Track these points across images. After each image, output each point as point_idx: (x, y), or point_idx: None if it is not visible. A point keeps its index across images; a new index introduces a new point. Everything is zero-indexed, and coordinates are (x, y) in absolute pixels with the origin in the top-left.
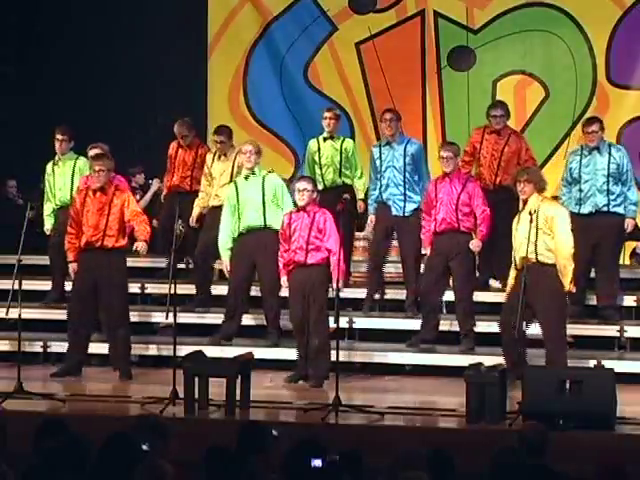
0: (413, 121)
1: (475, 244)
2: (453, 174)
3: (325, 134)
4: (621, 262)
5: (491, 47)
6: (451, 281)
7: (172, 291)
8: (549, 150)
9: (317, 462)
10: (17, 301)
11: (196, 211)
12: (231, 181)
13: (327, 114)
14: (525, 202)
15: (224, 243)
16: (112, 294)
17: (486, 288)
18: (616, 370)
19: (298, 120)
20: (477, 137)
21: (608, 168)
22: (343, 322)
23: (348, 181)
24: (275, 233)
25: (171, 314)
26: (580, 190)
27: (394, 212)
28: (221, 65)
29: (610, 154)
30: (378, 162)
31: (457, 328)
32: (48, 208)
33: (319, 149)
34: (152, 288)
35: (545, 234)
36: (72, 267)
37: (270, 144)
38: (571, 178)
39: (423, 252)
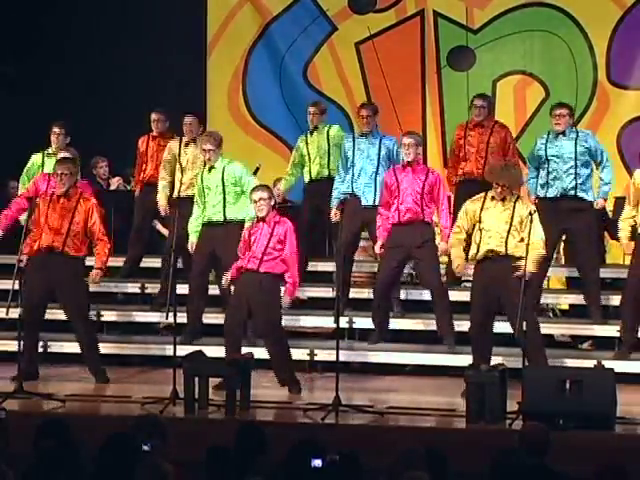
0: (413, 121)
1: (443, 248)
2: (415, 164)
3: (310, 128)
4: (621, 262)
5: (491, 47)
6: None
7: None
8: None
9: (317, 462)
10: (17, 301)
11: (163, 201)
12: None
13: (310, 109)
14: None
15: (193, 226)
16: (72, 301)
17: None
18: (616, 370)
19: (297, 120)
20: (460, 133)
21: (575, 151)
22: (343, 322)
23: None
24: (237, 225)
25: (171, 314)
26: (548, 173)
27: (364, 203)
28: (220, 65)
29: (577, 137)
30: (350, 152)
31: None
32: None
33: (307, 143)
34: (152, 288)
35: (516, 230)
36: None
37: (269, 144)
38: (537, 162)
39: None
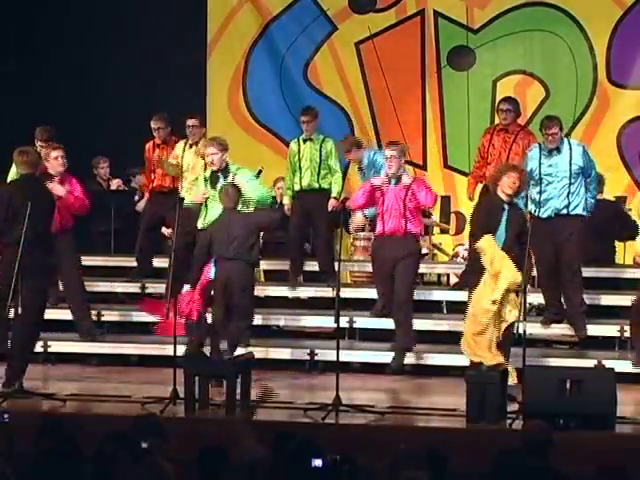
0: (413, 121)
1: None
2: (398, 177)
3: (304, 135)
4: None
5: (491, 47)
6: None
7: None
8: None
9: (317, 462)
10: (17, 301)
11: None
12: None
13: (303, 118)
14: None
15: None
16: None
17: None
18: (616, 370)
19: (298, 120)
20: (487, 137)
21: (570, 170)
22: (343, 322)
23: (325, 185)
24: None
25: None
26: (540, 192)
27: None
28: (221, 65)
29: (571, 154)
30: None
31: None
32: None
33: (299, 151)
34: (152, 288)
35: None
36: None
37: (270, 144)
38: (532, 180)
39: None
